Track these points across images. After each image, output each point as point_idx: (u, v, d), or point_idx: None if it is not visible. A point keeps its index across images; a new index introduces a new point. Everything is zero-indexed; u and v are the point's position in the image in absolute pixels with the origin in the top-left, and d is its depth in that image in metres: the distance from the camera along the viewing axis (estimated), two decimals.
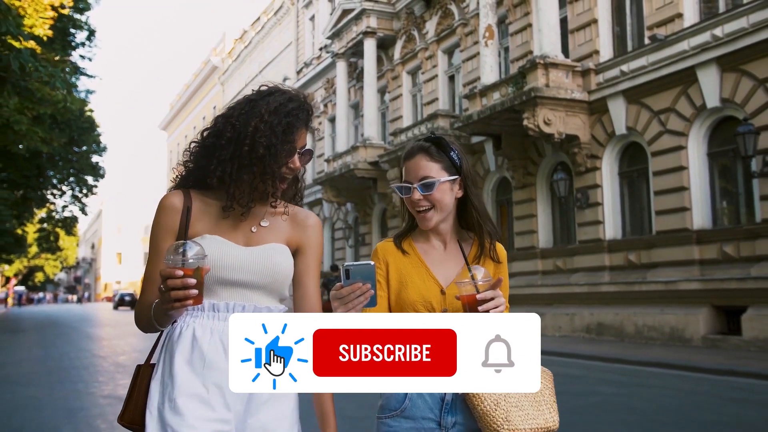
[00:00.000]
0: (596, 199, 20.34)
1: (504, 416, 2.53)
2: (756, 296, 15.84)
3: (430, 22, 28.99)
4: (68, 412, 10.32)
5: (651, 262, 18.66)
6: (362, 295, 2.30)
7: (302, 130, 2.55)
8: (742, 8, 16.33)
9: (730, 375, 12.70)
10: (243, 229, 2.59)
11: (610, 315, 19.47)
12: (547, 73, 20.00)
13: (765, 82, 15.93)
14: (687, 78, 17.74)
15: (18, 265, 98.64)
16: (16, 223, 41.46)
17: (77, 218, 48.61)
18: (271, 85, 2.62)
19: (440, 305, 2.67)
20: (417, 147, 2.75)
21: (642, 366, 14.49)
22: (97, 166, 42.05)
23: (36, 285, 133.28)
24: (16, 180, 34.99)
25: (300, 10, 43.83)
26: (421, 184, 2.67)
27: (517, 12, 23.91)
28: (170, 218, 2.55)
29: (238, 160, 2.46)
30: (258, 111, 2.47)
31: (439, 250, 2.80)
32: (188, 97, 69.00)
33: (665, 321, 17.92)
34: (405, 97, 31.40)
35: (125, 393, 2.48)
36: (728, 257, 16.68)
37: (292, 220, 2.70)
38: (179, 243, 2.27)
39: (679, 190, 17.87)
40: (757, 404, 10.18)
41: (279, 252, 2.59)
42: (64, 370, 15.72)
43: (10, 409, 10.61)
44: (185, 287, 2.19)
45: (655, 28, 18.67)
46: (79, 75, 32.69)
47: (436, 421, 2.61)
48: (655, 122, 18.62)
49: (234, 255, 2.50)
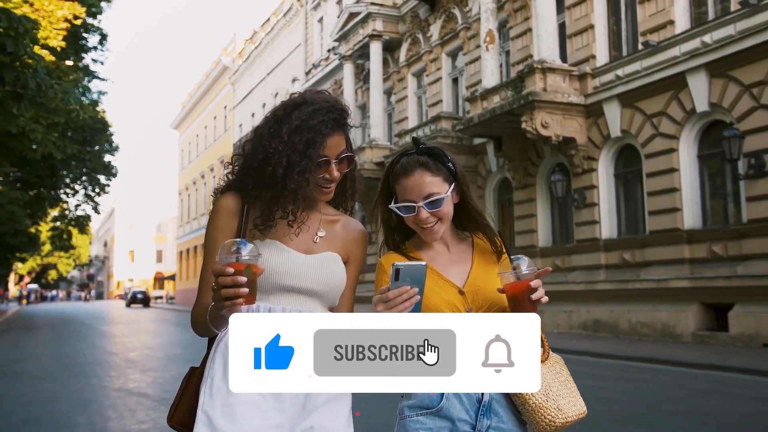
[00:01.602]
0: (593, 200, 20.93)
1: (555, 406, 2.52)
2: (742, 294, 16.43)
3: (435, 26, 29.56)
4: (82, 404, 10.98)
5: (644, 261, 19.25)
6: (409, 299, 2.21)
7: (332, 139, 2.52)
8: (729, 16, 16.88)
9: (710, 369, 13.29)
10: (301, 236, 2.61)
11: (606, 312, 20.07)
12: (544, 77, 20.57)
13: (751, 88, 16.49)
14: (678, 83, 18.31)
15: (31, 263, 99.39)
16: (30, 222, 41.60)
17: (90, 217, 48.53)
18: (299, 94, 2.62)
19: (463, 305, 2.59)
20: (413, 162, 2.62)
21: (630, 361, 15.08)
22: (109, 165, 42.22)
23: (49, 283, 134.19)
24: (30, 180, 35.29)
25: (309, 12, 44.39)
26: (427, 202, 2.57)
27: (518, 17, 24.47)
28: (227, 220, 2.58)
29: (264, 181, 2.49)
30: (280, 131, 2.49)
31: (444, 253, 2.72)
32: (199, 97, 69.37)
33: (657, 318, 18.53)
34: (410, 99, 31.98)
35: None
36: (717, 256, 17.25)
37: (344, 229, 2.72)
38: (233, 241, 2.27)
39: (670, 191, 18.46)
40: (722, 395, 10.77)
41: (335, 262, 2.62)
42: (78, 366, 16.43)
43: (27, 401, 11.32)
44: (236, 285, 2.19)
45: (648, 34, 19.23)
46: (91, 78, 33.30)
47: (472, 424, 2.53)
48: (648, 125, 19.20)
49: (294, 262, 2.53)
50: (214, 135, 63.79)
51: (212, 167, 61.77)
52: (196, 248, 65.74)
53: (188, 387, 2.57)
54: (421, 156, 2.62)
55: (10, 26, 12.82)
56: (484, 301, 2.60)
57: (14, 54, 13.25)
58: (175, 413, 2.55)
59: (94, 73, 33.58)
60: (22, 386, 13.20)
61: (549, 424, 2.49)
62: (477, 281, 2.64)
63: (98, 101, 38.59)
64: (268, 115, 2.60)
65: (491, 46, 23.71)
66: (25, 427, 9.21)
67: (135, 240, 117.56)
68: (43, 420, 9.73)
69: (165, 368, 15.59)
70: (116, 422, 9.37)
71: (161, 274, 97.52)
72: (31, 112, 17.00)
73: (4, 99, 15.22)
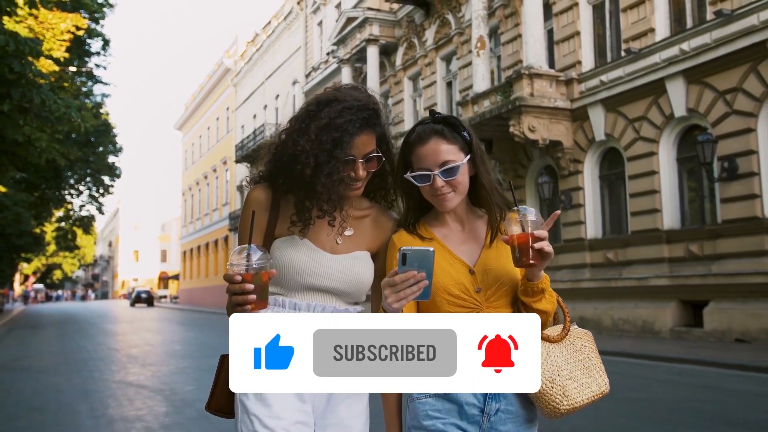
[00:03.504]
0: (579, 201, 21.68)
1: (561, 392, 2.47)
2: (716, 291, 17.17)
3: (429, 31, 30.23)
4: (84, 394, 11.78)
5: (626, 260, 19.98)
6: (416, 284, 2.18)
7: (360, 138, 2.52)
8: (705, 25, 17.55)
9: (678, 362, 14.06)
10: (329, 234, 2.64)
11: (590, 309, 20.78)
12: (531, 83, 21.26)
13: (725, 94, 17.19)
14: (658, 89, 19.03)
15: (36, 263, 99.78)
16: (35, 223, 41.78)
17: (94, 217, 49.34)
18: (333, 89, 2.63)
19: (473, 285, 2.53)
20: (429, 130, 2.56)
21: (607, 356, 15.80)
22: (113, 166, 42.73)
23: (54, 282, 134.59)
24: (34, 181, 35.55)
25: (308, 16, 45.07)
26: (442, 170, 2.50)
27: (509, 23, 25.16)
28: (257, 213, 2.59)
29: (294, 179, 2.51)
30: (309, 129, 2.49)
31: (457, 231, 2.66)
32: (202, 98, 69.97)
33: (638, 315, 19.28)
34: (407, 102, 32.63)
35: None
36: (693, 255, 17.97)
37: (375, 222, 2.74)
38: (242, 247, 2.28)
39: (651, 193, 19.19)
40: (677, 384, 11.53)
41: (362, 260, 2.64)
42: (82, 361, 17.25)
43: (33, 393, 12.10)
44: (244, 292, 2.22)
45: (630, 42, 19.92)
46: (94, 82, 33.91)
47: (480, 407, 2.48)
48: (630, 129, 19.93)
49: (321, 262, 2.57)
50: (216, 136, 64.44)
51: (215, 168, 62.39)
52: (200, 248, 66.41)
53: (221, 375, 2.61)
54: (437, 125, 2.57)
55: (17, 48, 13.71)
56: (494, 280, 2.55)
57: (20, 73, 14.18)
58: (212, 400, 2.61)
59: (96, 77, 34.14)
60: (28, 379, 14.00)
61: (553, 410, 2.46)
62: (488, 261, 2.59)
63: (102, 104, 39.12)
64: (301, 108, 2.62)
65: (482, 52, 24.36)
66: (32, 415, 9.98)
67: (139, 240, 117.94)
68: (48, 408, 10.49)
69: (163, 363, 16.38)
70: (115, 410, 10.15)
71: (165, 274, 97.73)
72: (36, 123, 17.95)
73: (11, 112, 16.21)
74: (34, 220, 40.69)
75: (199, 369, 14.47)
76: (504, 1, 25.20)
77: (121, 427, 8.91)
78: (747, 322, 16.32)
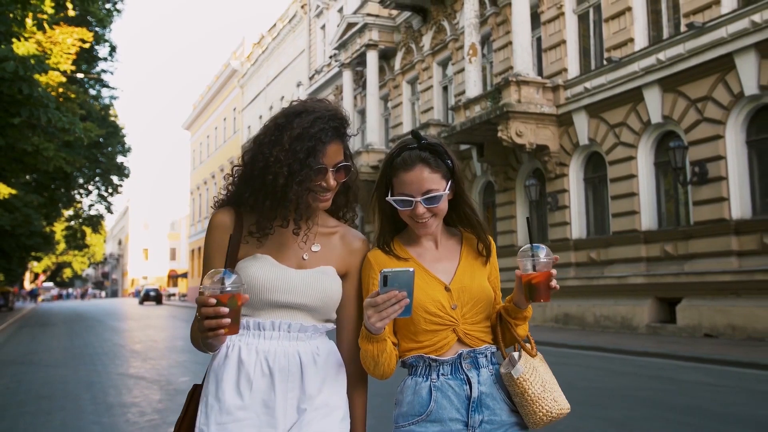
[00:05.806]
0: (564, 203, 22.60)
1: (552, 397, 2.55)
2: (688, 289, 18.12)
3: (426, 36, 31.12)
4: (88, 384, 12.84)
5: (608, 259, 20.92)
6: (397, 303, 2.19)
7: (331, 147, 2.51)
8: (680, 36, 18.43)
9: (645, 356, 14.98)
10: (294, 250, 2.57)
11: (574, 306, 21.72)
12: (519, 89, 22.16)
13: (696, 103, 18.08)
14: (636, 96, 19.95)
15: (46, 262, 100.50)
16: (45, 222, 42.24)
17: (103, 216, 50.04)
18: (299, 102, 2.61)
19: (449, 302, 2.56)
20: (415, 157, 2.56)
21: (582, 350, 16.70)
22: (122, 166, 43.59)
23: (64, 281, 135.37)
24: (44, 182, 36.25)
25: (312, 20, 45.90)
26: (425, 198, 2.53)
27: (500, 30, 26.04)
28: (222, 236, 2.53)
29: (264, 189, 2.45)
30: (281, 139, 2.45)
31: (431, 250, 2.68)
32: (210, 99, 70.87)
33: (617, 311, 20.21)
34: (405, 105, 33.52)
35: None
36: (668, 255, 18.89)
37: (342, 240, 2.68)
38: (216, 270, 2.20)
39: (630, 196, 20.11)
40: (632, 375, 12.42)
41: (329, 276, 2.56)
42: (87, 356, 18.29)
43: (42, 383, 13.16)
44: (218, 316, 2.13)
45: (612, 50, 20.80)
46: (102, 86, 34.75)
47: (464, 421, 2.51)
48: (611, 135, 20.84)
49: (286, 278, 2.49)
50: (224, 136, 65.31)
51: (222, 168, 63.05)
52: None
53: (191, 405, 2.54)
54: (423, 151, 2.57)
55: (25, 73, 14.78)
56: (470, 298, 2.59)
57: (28, 95, 15.30)
58: (179, 430, 2.51)
59: (104, 82, 34.91)
60: (37, 371, 15.09)
61: (546, 414, 2.52)
62: (463, 278, 2.62)
63: (110, 105, 39.87)
64: (268, 122, 2.57)
65: (474, 59, 25.22)
66: (39, 402, 10.99)
67: (149, 238, 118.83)
68: (55, 396, 11.52)
69: (163, 357, 17.43)
70: (115, 397, 11.21)
71: (175, 272, 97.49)
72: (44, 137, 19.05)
73: (21, 125, 17.37)
74: (44, 220, 41.11)
75: (196, 362, 15.32)
76: (496, 9, 26.07)
77: (119, 411, 9.94)
78: (715, 318, 17.24)
